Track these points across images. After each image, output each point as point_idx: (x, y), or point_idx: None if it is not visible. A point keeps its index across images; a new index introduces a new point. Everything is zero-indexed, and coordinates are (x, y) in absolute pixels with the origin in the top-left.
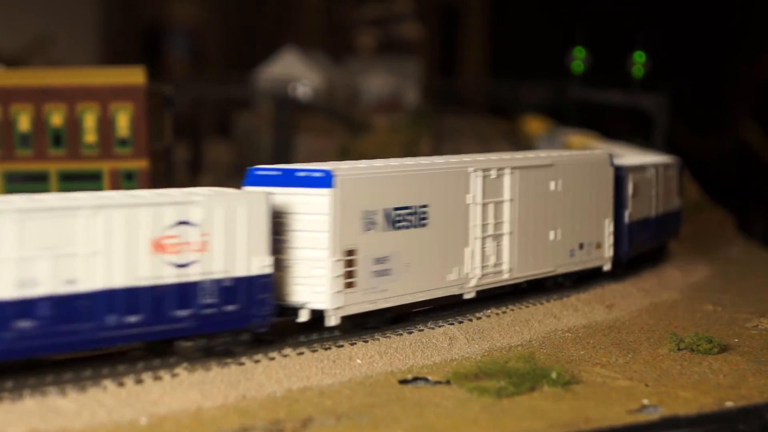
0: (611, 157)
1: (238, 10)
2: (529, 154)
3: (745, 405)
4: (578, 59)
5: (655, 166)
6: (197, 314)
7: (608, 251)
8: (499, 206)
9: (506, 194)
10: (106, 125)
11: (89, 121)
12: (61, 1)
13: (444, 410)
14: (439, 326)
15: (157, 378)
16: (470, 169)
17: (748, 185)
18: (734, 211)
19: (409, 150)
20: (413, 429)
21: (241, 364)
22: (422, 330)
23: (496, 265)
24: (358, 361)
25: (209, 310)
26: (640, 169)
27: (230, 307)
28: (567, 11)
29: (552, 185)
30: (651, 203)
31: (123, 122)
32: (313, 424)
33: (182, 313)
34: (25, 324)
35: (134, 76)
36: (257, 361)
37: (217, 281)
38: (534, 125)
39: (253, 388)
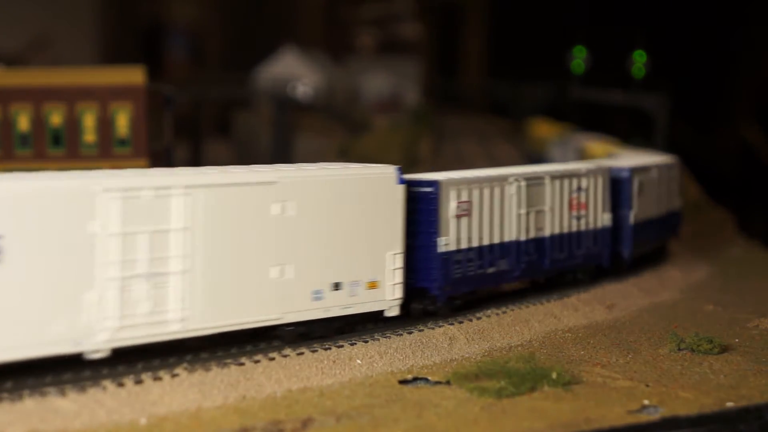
0: (399, 172)
1: (238, 10)
2: (233, 169)
3: (746, 405)
4: (578, 59)
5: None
6: None
7: (392, 292)
8: (162, 236)
9: (175, 221)
10: (105, 125)
11: (89, 121)
12: (61, 1)
13: (444, 410)
14: (439, 326)
15: (157, 378)
16: (98, 188)
17: (748, 185)
18: (734, 211)
19: (409, 150)
20: (413, 429)
21: (241, 364)
22: (422, 330)
23: (153, 313)
24: (358, 361)
25: None
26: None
27: None
28: (567, 11)
29: (276, 209)
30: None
31: (122, 122)
32: (313, 425)
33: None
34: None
35: (134, 76)
36: (257, 362)
37: None
38: (544, 128)
39: (253, 388)
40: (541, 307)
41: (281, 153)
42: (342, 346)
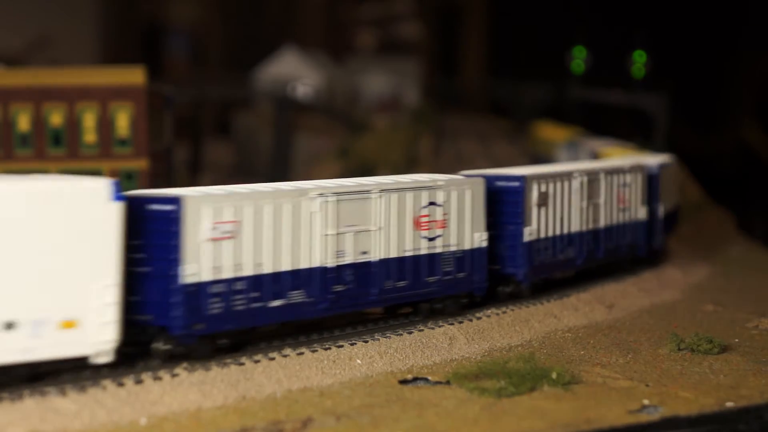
0: (115, 187)
1: (238, 10)
2: None
3: (746, 405)
4: (578, 59)
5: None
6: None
7: (101, 332)
8: None
9: None
10: (105, 125)
11: (89, 121)
12: (61, 1)
13: (444, 410)
14: (439, 326)
15: (157, 378)
16: None
17: (748, 185)
18: (734, 211)
19: (409, 150)
20: (413, 429)
21: (241, 364)
22: (422, 330)
23: None
24: (358, 361)
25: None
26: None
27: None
28: (567, 11)
29: None
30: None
31: (123, 122)
32: (313, 425)
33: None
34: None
35: (134, 76)
36: (257, 362)
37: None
38: (550, 131)
39: (253, 388)
40: (541, 307)
41: (281, 153)
42: (342, 346)
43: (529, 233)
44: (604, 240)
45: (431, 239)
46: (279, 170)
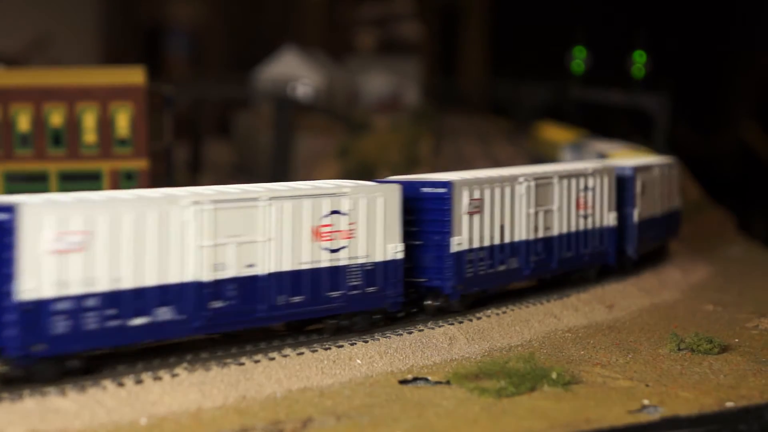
0: None
1: (238, 10)
2: None
3: (746, 405)
4: (578, 59)
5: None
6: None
7: None
8: None
9: None
10: (105, 125)
11: (89, 121)
12: (61, 1)
13: (444, 410)
14: (439, 326)
15: (157, 378)
16: None
17: (748, 185)
18: (734, 211)
19: (409, 150)
20: (413, 429)
21: (241, 364)
22: (422, 330)
23: None
24: (358, 361)
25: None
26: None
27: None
28: (567, 11)
29: None
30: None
31: (123, 122)
32: (313, 425)
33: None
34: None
35: (134, 76)
36: (257, 362)
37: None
38: (554, 132)
39: (253, 388)
40: (541, 307)
41: (281, 153)
42: (342, 346)
43: (458, 243)
44: (559, 249)
45: (334, 251)
46: (279, 170)
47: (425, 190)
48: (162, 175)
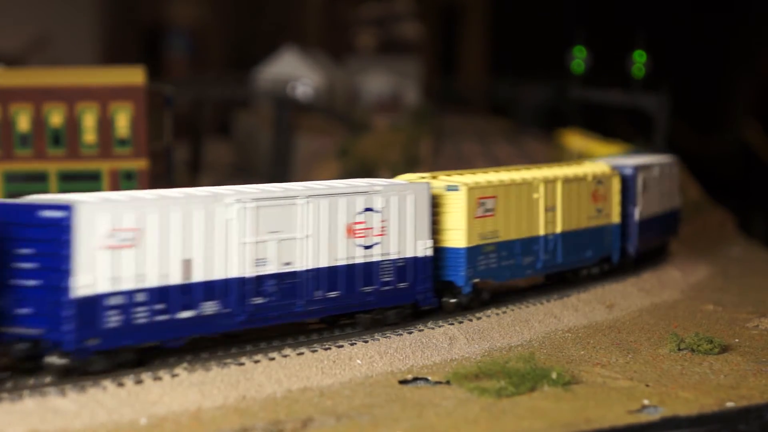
0: None
1: (238, 10)
2: None
3: (746, 405)
4: (578, 59)
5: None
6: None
7: None
8: None
9: None
10: (105, 125)
11: (89, 121)
12: (61, 1)
13: (444, 410)
14: (439, 326)
15: (157, 378)
16: None
17: (748, 185)
18: (734, 211)
19: (409, 150)
20: (413, 429)
21: (241, 364)
22: (422, 330)
23: None
24: (358, 361)
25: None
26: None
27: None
28: (567, 11)
29: None
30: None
31: (123, 122)
32: (313, 425)
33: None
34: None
35: (134, 75)
36: (257, 362)
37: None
38: (590, 145)
39: (253, 388)
40: (541, 307)
41: (281, 153)
42: (342, 346)
43: (86, 284)
44: (307, 288)
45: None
46: (279, 170)
47: (42, 214)
48: (162, 175)
